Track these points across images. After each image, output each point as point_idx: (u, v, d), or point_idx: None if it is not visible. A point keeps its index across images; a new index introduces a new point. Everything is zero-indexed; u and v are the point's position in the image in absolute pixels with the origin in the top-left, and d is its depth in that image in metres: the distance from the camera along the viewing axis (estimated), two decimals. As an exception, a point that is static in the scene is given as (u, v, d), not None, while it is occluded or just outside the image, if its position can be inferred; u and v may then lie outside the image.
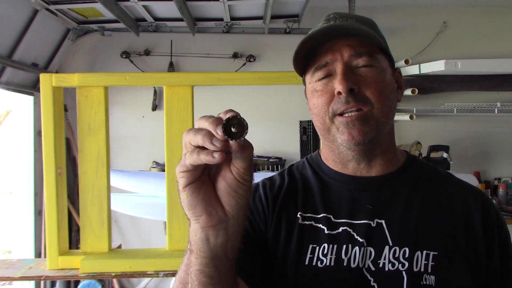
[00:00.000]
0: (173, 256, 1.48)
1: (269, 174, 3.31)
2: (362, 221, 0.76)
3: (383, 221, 0.76)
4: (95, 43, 3.53)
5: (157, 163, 3.50)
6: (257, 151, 3.58)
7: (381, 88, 0.76)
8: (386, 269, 0.72)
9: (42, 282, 3.18)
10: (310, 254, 0.76)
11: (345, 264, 0.74)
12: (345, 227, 0.77)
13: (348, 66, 0.76)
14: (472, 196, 0.81)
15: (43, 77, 1.46)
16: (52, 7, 2.75)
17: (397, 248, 0.73)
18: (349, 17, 0.81)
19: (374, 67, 0.77)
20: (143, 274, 1.48)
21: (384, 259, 0.73)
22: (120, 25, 3.14)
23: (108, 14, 2.89)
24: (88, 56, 3.57)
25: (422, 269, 0.71)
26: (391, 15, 3.52)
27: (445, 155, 3.21)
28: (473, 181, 2.11)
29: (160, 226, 3.23)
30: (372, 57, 0.77)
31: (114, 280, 3.42)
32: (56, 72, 3.26)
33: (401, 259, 0.72)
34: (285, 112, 3.53)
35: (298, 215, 0.80)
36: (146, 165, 3.55)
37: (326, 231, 0.77)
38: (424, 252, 0.73)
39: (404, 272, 0.71)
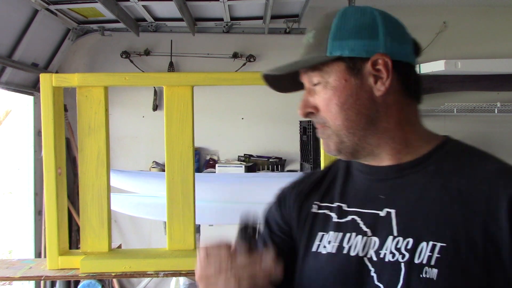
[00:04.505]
0: (173, 256, 1.48)
1: (269, 174, 3.28)
2: (371, 211, 0.76)
3: (393, 211, 0.74)
4: (95, 43, 3.53)
5: (157, 163, 3.50)
6: (257, 151, 3.58)
7: (333, 103, 0.76)
8: (386, 259, 0.71)
9: (42, 282, 3.18)
10: (317, 241, 0.80)
11: (344, 251, 0.75)
12: (354, 216, 0.78)
13: (308, 89, 0.80)
14: (504, 183, 0.70)
15: (43, 77, 1.46)
16: (52, 7, 2.75)
17: (401, 239, 0.71)
18: (310, 30, 0.81)
19: (321, 84, 0.77)
20: (143, 274, 1.48)
21: (386, 250, 0.72)
22: (120, 25, 3.14)
23: (108, 14, 2.89)
24: (88, 56, 3.57)
25: (425, 261, 0.68)
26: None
27: (445, 155, 3.20)
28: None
29: (160, 226, 3.23)
30: (317, 73, 0.78)
31: (114, 280, 3.42)
32: (56, 72, 3.26)
33: (402, 250, 0.70)
34: (285, 112, 3.52)
35: (315, 204, 0.84)
36: (146, 165, 3.55)
37: (334, 219, 0.79)
38: (430, 243, 0.69)
39: (402, 264, 0.69)
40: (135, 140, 3.62)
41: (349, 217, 0.78)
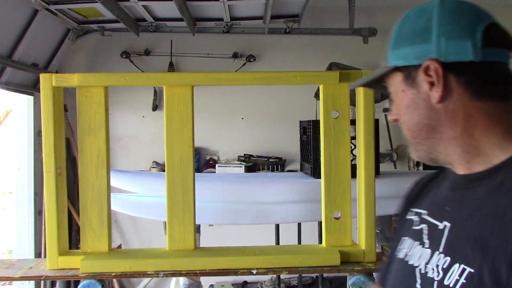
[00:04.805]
0: (173, 256, 1.48)
1: (269, 174, 3.26)
2: (435, 221, 0.75)
3: (449, 225, 0.71)
4: (95, 43, 3.53)
5: (157, 163, 3.50)
6: (257, 151, 3.58)
7: (399, 114, 0.77)
8: (428, 274, 0.70)
9: (42, 282, 3.18)
10: (399, 245, 0.82)
11: (406, 259, 0.77)
12: (424, 225, 0.77)
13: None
14: None
15: (43, 77, 1.46)
16: (52, 7, 2.75)
17: (442, 256, 0.69)
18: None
19: (392, 93, 0.78)
20: (143, 274, 1.47)
21: (430, 264, 0.71)
22: (120, 25, 3.14)
23: (108, 14, 2.89)
24: (88, 56, 3.57)
25: (451, 285, 0.65)
26: (391, 15, 3.50)
27: (445, 155, 3.19)
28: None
29: (160, 226, 3.23)
30: (389, 86, 0.79)
31: (114, 280, 3.42)
32: (56, 72, 3.26)
33: (439, 268, 0.68)
34: (285, 112, 3.53)
35: (411, 210, 0.84)
36: (146, 165, 3.55)
37: (414, 226, 0.80)
38: (461, 266, 0.64)
39: (436, 282, 0.68)
40: (135, 140, 3.62)
41: (421, 225, 0.77)
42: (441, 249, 0.70)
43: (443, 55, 0.68)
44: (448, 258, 0.67)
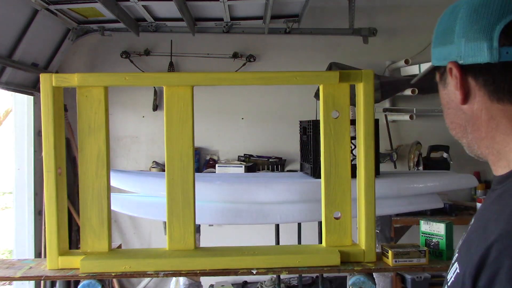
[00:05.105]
0: (173, 256, 1.48)
1: (269, 174, 3.25)
2: (473, 217, 0.75)
3: (472, 223, 0.72)
4: (95, 43, 3.53)
5: (157, 163, 3.50)
6: (257, 151, 3.58)
7: (443, 108, 0.77)
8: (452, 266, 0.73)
9: (42, 282, 3.19)
10: None
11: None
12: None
13: None
14: (502, 229, 0.59)
15: (43, 77, 1.46)
16: (52, 7, 2.76)
17: (455, 252, 0.72)
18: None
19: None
20: (143, 274, 1.47)
21: (454, 257, 0.73)
22: (120, 25, 3.14)
23: (108, 14, 2.90)
24: (88, 56, 3.58)
25: (448, 282, 0.68)
26: (391, 15, 3.51)
27: (445, 155, 3.21)
28: (473, 181, 2.11)
29: (160, 226, 3.23)
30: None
31: (114, 280, 3.42)
32: (56, 72, 3.26)
33: (450, 265, 0.71)
34: (285, 112, 3.53)
35: None
36: (146, 165, 3.55)
37: None
38: (456, 265, 0.67)
39: (447, 276, 0.71)
40: (135, 140, 3.63)
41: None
42: (459, 245, 0.72)
43: (461, 57, 0.69)
44: (457, 255, 0.70)
